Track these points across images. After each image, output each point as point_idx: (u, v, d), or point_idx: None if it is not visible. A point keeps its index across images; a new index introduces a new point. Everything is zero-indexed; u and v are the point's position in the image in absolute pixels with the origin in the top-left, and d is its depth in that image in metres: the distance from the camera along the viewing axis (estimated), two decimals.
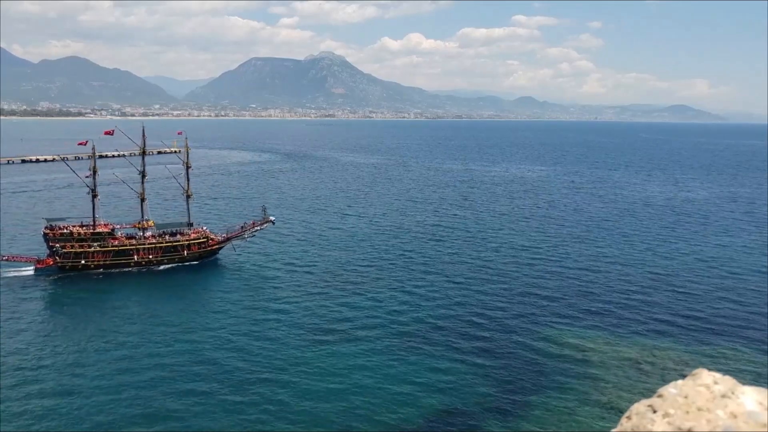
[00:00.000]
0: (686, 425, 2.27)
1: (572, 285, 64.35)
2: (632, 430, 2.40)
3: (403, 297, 59.82)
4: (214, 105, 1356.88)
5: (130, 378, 41.18)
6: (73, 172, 78.39)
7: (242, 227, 77.34)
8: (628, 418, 2.48)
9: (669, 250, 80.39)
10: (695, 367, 2.59)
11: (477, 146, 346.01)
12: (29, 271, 66.76)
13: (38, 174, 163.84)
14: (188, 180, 77.15)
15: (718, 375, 2.46)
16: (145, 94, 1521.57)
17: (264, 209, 78.59)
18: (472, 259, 75.37)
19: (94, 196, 71.89)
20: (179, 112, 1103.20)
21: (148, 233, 72.92)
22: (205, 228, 77.23)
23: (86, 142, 75.52)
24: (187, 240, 73.14)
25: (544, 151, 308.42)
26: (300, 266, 70.73)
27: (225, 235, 76.43)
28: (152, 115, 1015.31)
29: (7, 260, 66.50)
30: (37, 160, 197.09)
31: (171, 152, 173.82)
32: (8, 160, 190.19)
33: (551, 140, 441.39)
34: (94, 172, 72.66)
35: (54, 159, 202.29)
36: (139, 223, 73.57)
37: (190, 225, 75.97)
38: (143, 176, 75.99)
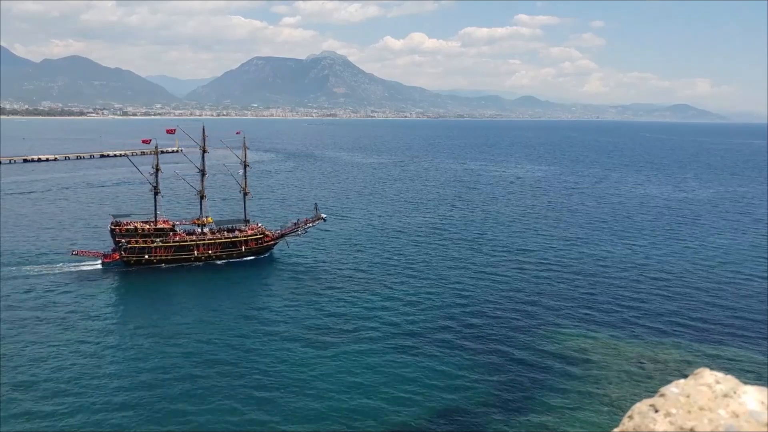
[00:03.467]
0: (688, 425, 2.26)
1: (573, 285, 64.35)
2: (634, 430, 2.39)
3: (404, 298, 59.90)
4: (216, 104, 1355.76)
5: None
6: (137, 169, 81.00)
7: (295, 224, 79.52)
8: (630, 417, 2.47)
9: (670, 250, 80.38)
10: (697, 366, 2.60)
11: (478, 145, 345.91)
12: (97, 265, 69.07)
13: (45, 173, 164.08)
14: (245, 178, 79.59)
15: (719, 374, 2.45)
16: (147, 93, 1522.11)
17: (316, 207, 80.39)
18: (472, 260, 75.44)
19: (156, 193, 74.06)
20: (181, 112, 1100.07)
21: (206, 229, 74.90)
22: (260, 224, 79.46)
23: (150, 140, 78.31)
24: (244, 236, 75.24)
25: (544, 150, 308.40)
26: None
27: (279, 231, 78.67)
28: (154, 115, 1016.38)
29: (76, 254, 69.37)
30: (52, 159, 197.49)
31: (173, 152, 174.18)
32: (9, 159, 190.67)
33: (552, 139, 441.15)
34: (157, 170, 74.16)
35: (56, 158, 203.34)
36: (198, 219, 75.83)
37: (246, 222, 78.04)
38: (203, 174, 77.43)
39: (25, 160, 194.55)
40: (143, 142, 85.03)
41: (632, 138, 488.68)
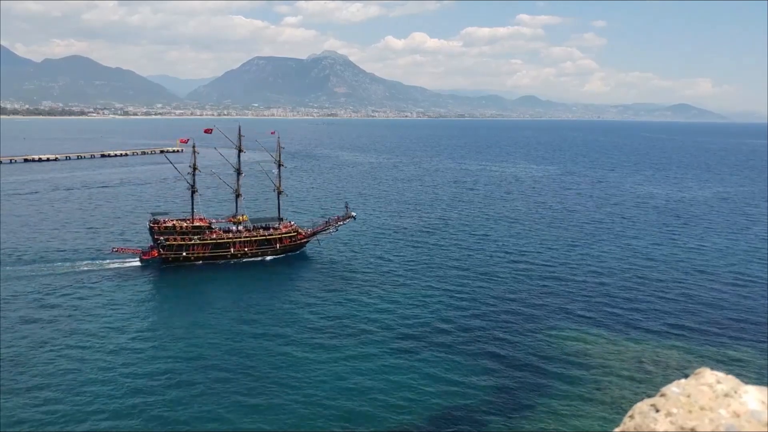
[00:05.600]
0: (689, 424, 2.26)
1: (573, 287, 64.30)
2: (635, 430, 2.39)
3: (403, 301, 59.87)
4: (217, 104, 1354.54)
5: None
6: (174, 167, 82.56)
7: (327, 222, 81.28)
8: (631, 417, 2.46)
9: (670, 251, 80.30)
10: (698, 366, 2.58)
11: (478, 145, 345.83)
12: (136, 262, 70.58)
13: (46, 173, 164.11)
14: (279, 177, 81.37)
15: (720, 374, 2.44)
16: (147, 93, 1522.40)
17: (347, 205, 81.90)
18: (472, 262, 75.37)
19: (194, 192, 75.48)
20: (182, 111, 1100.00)
21: (242, 227, 76.26)
22: (293, 223, 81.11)
23: (187, 140, 79.96)
24: (279, 234, 76.68)
25: (544, 150, 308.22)
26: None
27: (311, 229, 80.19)
28: (155, 114, 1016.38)
29: (116, 251, 71.28)
30: (53, 159, 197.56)
31: (173, 152, 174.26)
32: (10, 159, 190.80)
33: (552, 139, 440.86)
34: (194, 169, 75.31)
35: (57, 158, 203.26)
36: (233, 217, 77.33)
37: (280, 220, 79.58)
38: (239, 173, 78.72)
39: (26, 160, 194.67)
40: (181, 141, 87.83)
41: (632, 137, 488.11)
